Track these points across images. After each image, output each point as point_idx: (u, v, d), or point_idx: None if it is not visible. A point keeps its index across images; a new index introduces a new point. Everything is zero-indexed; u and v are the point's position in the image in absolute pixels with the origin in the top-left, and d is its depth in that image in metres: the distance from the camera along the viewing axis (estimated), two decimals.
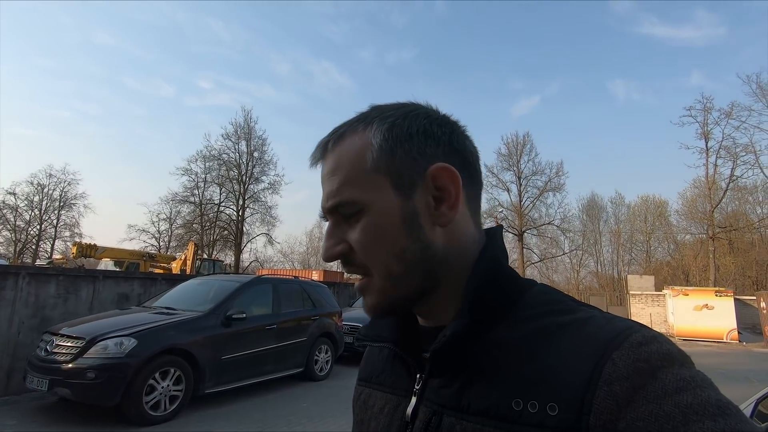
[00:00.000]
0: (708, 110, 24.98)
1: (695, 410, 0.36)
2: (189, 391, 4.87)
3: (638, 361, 0.39)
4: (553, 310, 0.47)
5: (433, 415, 0.48)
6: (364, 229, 0.49)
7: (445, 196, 0.50)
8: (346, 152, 0.51)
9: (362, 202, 0.49)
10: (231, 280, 6.44)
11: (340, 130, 0.53)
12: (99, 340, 4.47)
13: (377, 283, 0.50)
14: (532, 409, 0.41)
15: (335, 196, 0.51)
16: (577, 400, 0.39)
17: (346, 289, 12.77)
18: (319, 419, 5.01)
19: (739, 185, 25.85)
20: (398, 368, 0.57)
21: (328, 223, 0.53)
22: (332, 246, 0.51)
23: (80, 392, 4.29)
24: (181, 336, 4.93)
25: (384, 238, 0.49)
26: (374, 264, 0.50)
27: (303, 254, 44.31)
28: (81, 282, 6.35)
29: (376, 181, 0.50)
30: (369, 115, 0.53)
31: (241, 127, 31.84)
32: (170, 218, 33.61)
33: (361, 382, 0.64)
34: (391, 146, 0.50)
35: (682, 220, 30.31)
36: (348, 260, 0.51)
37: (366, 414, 0.59)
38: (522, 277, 0.53)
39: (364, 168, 0.50)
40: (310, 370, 6.80)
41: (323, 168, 0.53)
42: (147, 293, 7.13)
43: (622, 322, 0.43)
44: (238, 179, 31.53)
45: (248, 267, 33.74)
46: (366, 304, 0.52)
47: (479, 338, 0.47)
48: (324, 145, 0.53)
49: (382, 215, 0.49)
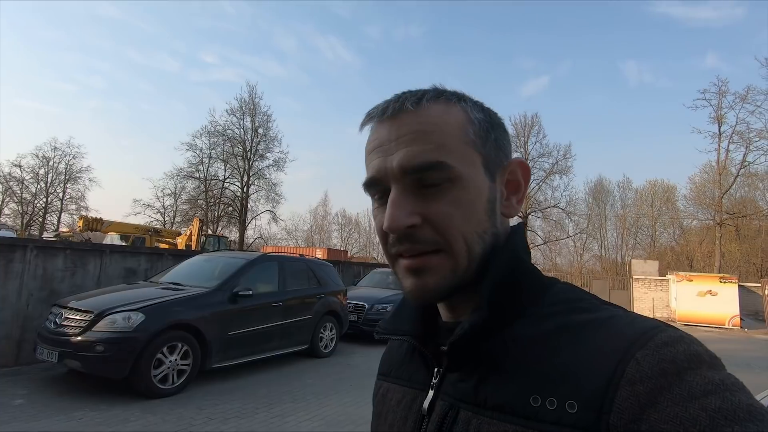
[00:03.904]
0: (723, 94, 24.36)
1: (724, 415, 0.34)
2: (196, 366, 4.93)
3: (663, 361, 0.37)
4: (574, 307, 0.46)
5: (450, 409, 0.47)
6: (455, 202, 0.47)
7: (514, 189, 0.52)
8: (441, 117, 0.48)
9: (458, 170, 0.47)
10: (237, 257, 6.45)
11: (426, 95, 0.49)
12: (107, 314, 4.51)
13: (453, 262, 0.47)
14: (551, 406, 0.40)
15: (427, 156, 0.46)
16: (598, 399, 0.38)
17: (350, 268, 12.83)
18: (324, 395, 5.08)
19: (751, 171, 25.38)
20: (417, 362, 0.56)
21: (395, 190, 0.47)
22: (406, 216, 0.46)
23: (90, 364, 4.36)
24: (188, 312, 4.97)
25: (474, 216, 0.48)
26: (457, 240, 0.46)
27: (307, 232, 44.51)
28: (89, 256, 6.38)
29: (472, 156, 0.48)
30: (454, 93, 0.51)
31: (245, 102, 31.56)
32: (175, 193, 33.69)
33: (381, 377, 0.63)
34: (487, 128, 0.50)
35: (690, 205, 29.87)
36: (417, 235, 0.46)
37: (384, 407, 0.58)
38: (544, 274, 0.52)
39: (464, 139, 0.48)
40: (315, 347, 6.88)
41: (397, 128, 0.48)
42: (153, 268, 7.17)
43: (648, 321, 0.42)
44: (243, 155, 31.39)
45: (252, 244, 33.94)
46: (426, 284, 0.47)
47: (498, 334, 0.46)
48: (401, 106, 0.48)
49: (475, 191, 0.48)
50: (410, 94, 0.50)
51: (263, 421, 4.19)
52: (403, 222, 0.46)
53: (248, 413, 4.36)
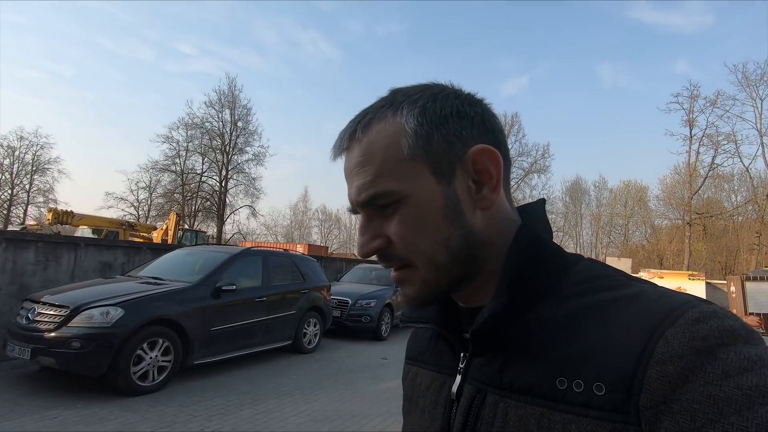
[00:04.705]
0: (694, 98, 25.39)
1: (762, 392, 0.33)
2: (177, 362, 4.80)
3: (695, 339, 0.36)
4: (600, 285, 0.45)
5: (477, 393, 0.48)
6: (405, 221, 0.47)
7: (485, 179, 0.49)
8: (377, 141, 0.48)
9: (401, 192, 0.47)
10: (220, 251, 6.32)
11: (366, 118, 0.49)
12: (84, 309, 4.34)
13: (421, 275, 0.48)
14: (578, 389, 0.39)
15: (369, 188, 0.47)
16: (626, 381, 0.37)
17: (333, 264, 12.76)
18: (309, 391, 5.03)
19: (718, 173, 26.50)
20: (442, 347, 0.56)
21: (361, 217, 0.50)
22: (369, 241, 0.49)
23: (66, 361, 4.19)
24: (169, 306, 4.83)
25: (427, 228, 0.47)
26: (417, 255, 0.48)
27: (287, 228, 44.00)
28: (62, 249, 6.12)
29: (414, 169, 0.47)
30: (395, 100, 0.50)
31: (225, 95, 30.85)
32: (150, 187, 32.74)
33: (409, 361, 0.64)
34: (427, 131, 0.47)
35: (661, 205, 31.05)
36: (386, 254, 0.49)
37: (414, 391, 0.59)
38: (567, 252, 0.50)
39: (399, 156, 0.47)
40: (299, 342, 6.81)
41: (349, 159, 0.50)
42: (131, 262, 6.94)
43: (678, 296, 0.41)
44: (222, 149, 30.73)
45: (230, 239, 33.32)
46: (406, 295, 0.51)
47: (520, 316, 0.46)
48: (351, 135, 0.50)
49: (423, 204, 0.47)
50: (357, 118, 0.50)
51: (249, 418, 4.11)
52: (367, 248, 0.49)
53: (233, 410, 4.27)
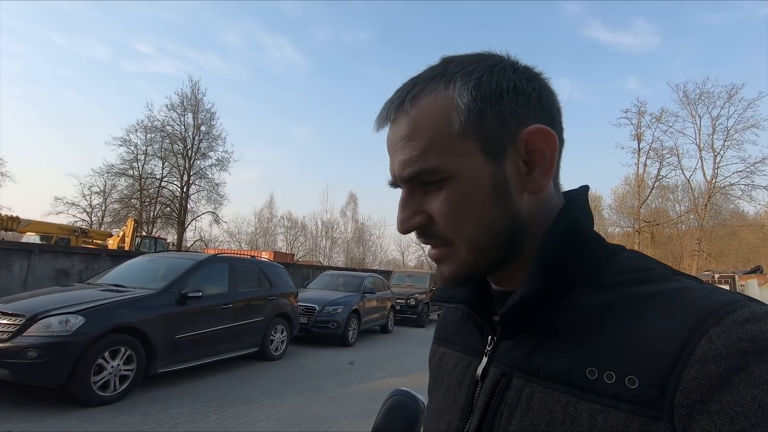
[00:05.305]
0: (642, 114, 27.32)
1: None
2: (140, 371, 4.68)
3: (742, 340, 0.34)
4: (641, 278, 0.43)
5: (503, 376, 0.47)
6: (451, 199, 0.46)
7: (537, 161, 0.47)
8: (426, 114, 0.46)
9: (448, 170, 0.46)
10: (185, 257, 6.21)
11: (415, 88, 0.48)
12: (41, 318, 4.17)
13: (461, 255, 0.48)
14: (608, 380, 0.38)
15: (415, 164, 0.46)
16: (662, 376, 0.35)
17: (300, 271, 12.70)
18: (277, 396, 5.04)
19: (663, 184, 28.54)
20: (471, 329, 0.56)
21: (402, 192, 0.49)
22: (410, 217, 0.48)
23: (21, 372, 4.01)
24: (132, 314, 4.71)
25: (473, 208, 0.46)
26: (459, 236, 0.47)
27: (251, 235, 43.03)
28: (13, 256, 5.82)
29: (464, 146, 0.46)
30: (447, 70, 0.47)
31: (187, 98, 29.88)
32: (105, 192, 31.12)
33: (437, 341, 0.65)
34: (480, 107, 0.45)
35: (613, 213, 32.92)
36: (427, 231, 0.49)
37: (440, 371, 0.60)
38: (609, 242, 0.48)
39: (449, 132, 0.46)
40: (266, 349, 6.77)
41: (394, 132, 0.49)
42: (89, 270, 6.68)
43: (727, 295, 0.38)
44: (183, 154, 29.76)
45: (192, 246, 32.23)
46: (443, 273, 0.50)
47: (553, 303, 0.45)
48: (398, 106, 0.48)
49: (470, 183, 0.46)
50: (406, 88, 0.49)
51: (216, 423, 4.09)
52: (408, 224, 0.48)
53: (199, 417, 4.23)
